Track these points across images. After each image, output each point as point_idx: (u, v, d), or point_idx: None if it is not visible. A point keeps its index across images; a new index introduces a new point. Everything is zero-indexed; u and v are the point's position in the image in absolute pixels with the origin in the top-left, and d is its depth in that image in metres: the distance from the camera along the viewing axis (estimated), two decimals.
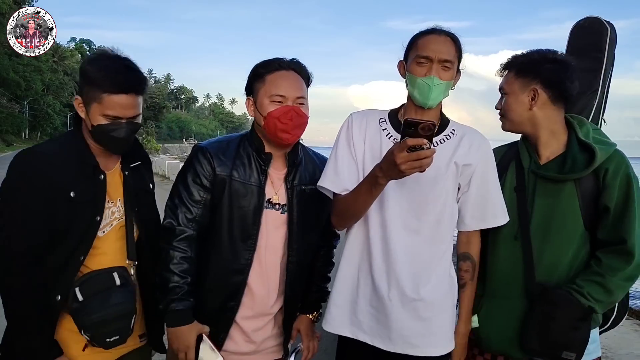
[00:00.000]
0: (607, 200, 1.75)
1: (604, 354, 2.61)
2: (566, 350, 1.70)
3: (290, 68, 1.84)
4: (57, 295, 1.62)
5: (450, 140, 1.81)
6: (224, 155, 1.82)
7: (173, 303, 1.71)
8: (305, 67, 1.88)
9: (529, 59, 1.87)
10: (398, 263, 1.75)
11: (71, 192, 1.60)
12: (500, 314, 1.84)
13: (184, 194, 1.79)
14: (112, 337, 1.65)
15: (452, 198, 1.80)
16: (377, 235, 1.78)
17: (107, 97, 1.61)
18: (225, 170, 1.79)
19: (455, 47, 1.76)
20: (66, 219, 1.60)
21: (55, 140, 1.80)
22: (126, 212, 1.76)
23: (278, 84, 1.79)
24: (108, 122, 1.64)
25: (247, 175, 1.81)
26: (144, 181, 1.89)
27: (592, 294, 1.71)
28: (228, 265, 1.81)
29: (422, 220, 1.76)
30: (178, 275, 1.72)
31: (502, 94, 1.91)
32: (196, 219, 1.78)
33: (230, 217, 1.80)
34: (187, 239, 1.76)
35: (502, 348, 1.84)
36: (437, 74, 1.71)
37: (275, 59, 1.84)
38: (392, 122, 1.84)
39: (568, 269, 1.79)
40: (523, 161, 1.88)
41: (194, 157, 1.83)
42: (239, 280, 1.81)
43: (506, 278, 1.85)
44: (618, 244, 1.74)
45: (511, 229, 1.83)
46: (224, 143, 1.87)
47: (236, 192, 1.79)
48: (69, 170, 1.63)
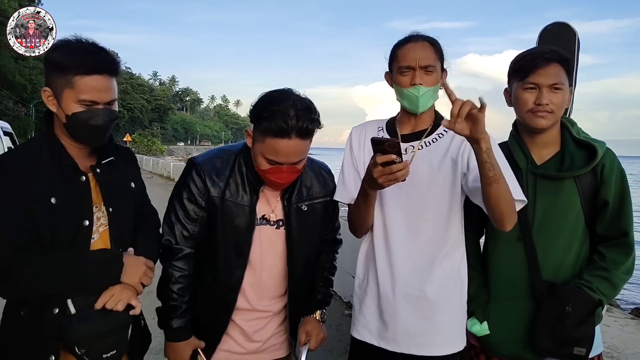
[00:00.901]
0: (606, 195, 1.78)
1: (610, 353, 2.59)
2: (577, 346, 1.70)
3: (297, 136, 1.62)
4: (54, 308, 1.49)
5: (443, 138, 1.83)
6: (217, 175, 1.79)
7: (172, 320, 1.77)
8: (314, 126, 1.66)
9: (566, 55, 1.85)
10: (400, 263, 1.78)
11: (52, 198, 1.48)
12: (509, 317, 1.83)
13: (180, 212, 1.79)
14: (109, 352, 1.51)
15: (454, 194, 1.79)
16: (380, 236, 1.83)
17: (80, 80, 1.49)
18: (217, 191, 1.78)
19: (434, 49, 1.79)
20: (51, 227, 1.48)
21: (23, 146, 1.61)
22: (108, 215, 1.63)
23: (276, 150, 1.64)
24: (84, 108, 1.51)
25: (240, 196, 1.79)
26: (122, 180, 1.73)
27: (600, 289, 1.72)
28: (221, 282, 1.82)
29: (422, 219, 1.78)
30: (176, 294, 1.77)
31: (556, 88, 1.78)
32: (193, 236, 1.80)
33: (224, 235, 1.80)
34: (185, 257, 1.79)
35: (514, 351, 1.82)
36: (421, 81, 1.74)
37: (278, 117, 1.60)
38: (389, 130, 1.91)
39: (573, 266, 1.80)
40: (519, 162, 1.87)
41: (188, 175, 1.81)
42: (230, 298, 1.83)
43: (512, 280, 1.84)
44: (619, 237, 1.77)
45: (513, 230, 1.80)
46: (219, 161, 1.82)
47: (229, 211, 1.78)
48: (45, 176, 1.50)
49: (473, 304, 1.87)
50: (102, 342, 1.49)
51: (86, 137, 1.57)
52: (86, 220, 1.55)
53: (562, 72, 1.79)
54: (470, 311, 1.87)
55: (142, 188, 1.84)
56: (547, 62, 1.78)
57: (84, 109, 1.52)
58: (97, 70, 1.51)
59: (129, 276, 1.56)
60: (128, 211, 1.71)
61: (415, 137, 1.84)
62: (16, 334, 1.51)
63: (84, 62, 1.49)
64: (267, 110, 1.63)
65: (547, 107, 1.77)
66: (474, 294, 1.87)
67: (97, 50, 1.55)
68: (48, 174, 1.51)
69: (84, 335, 1.46)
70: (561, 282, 1.77)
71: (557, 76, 1.78)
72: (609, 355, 2.57)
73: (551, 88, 1.78)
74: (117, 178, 1.70)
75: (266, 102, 1.67)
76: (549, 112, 1.78)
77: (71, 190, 1.54)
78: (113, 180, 1.67)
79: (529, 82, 1.80)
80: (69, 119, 1.53)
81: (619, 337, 2.85)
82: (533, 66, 1.79)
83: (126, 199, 1.71)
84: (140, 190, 1.81)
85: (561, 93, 1.78)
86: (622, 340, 2.81)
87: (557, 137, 1.88)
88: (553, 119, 1.80)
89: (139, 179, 1.83)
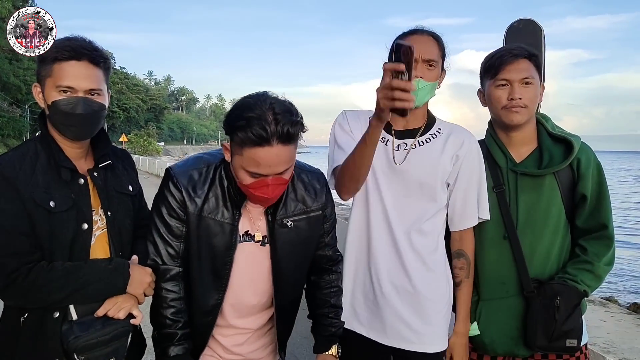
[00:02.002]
0: (584, 189, 1.81)
1: (607, 348, 2.61)
2: (568, 338, 1.74)
3: (279, 142, 1.44)
4: (54, 312, 1.47)
5: (436, 139, 1.83)
6: (194, 189, 1.61)
7: (169, 349, 1.62)
8: (296, 130, 1.47)
9: (533, 51, 1.88)
10: (386, 259, 1.81)
11: (50, 202, 1.45)
12: (501, 316, 1.85)
13: (163, 230, 1.62)
14: None
15: (439, 196, 1.81)
16: (365, 230, 1.84)
17: (58, 66, 1.48)
18: (194, 207, 1.60)
19: (438, 46, 1.79)
20: (50, 232, 1.45)
21: (18, 149, 1.54)
22: (107, 219, 1.60)
23: (257, 162, 1.46)
24: (63, 96, 1.48)
25: (220, 212, 1.62)
26: (120, 183, 1.69)
27: (584, 281, 1.77)
28: (197, 305, 1.68)
29: (407, 217, 1.80)
30: (170, 319, 1.62)
31: (527, 83, 1.81)
32: (180, 254, 1.64)
33: (199, 256, 1.64)
34: (175, 277, 1.64)
35: (507, 349, 1.85)
36: (422, 74, 1.73)
37: (262, 129, 1.42)
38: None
39: (557, 259, 1.84)
40: (499, 161, 1.89)
41: (166, 187, 1.64)
42: (207, 322, 1.70)
43: (500, 278, 1.86)
44: (599, 230, 1.82)
45: (498, 229, 1.85)
46: (196, 173, 1.63)
47: (206, 229, 1.61)
48: (42, 179, 1.46)
49: None
50: (102, 350, 1.47)
51: (68, 128, 1.52)
52: (85, 224, 1.52)
53: (531, 66, 1.83)
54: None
55: (140, 191, 1.81)
56: (516, 58, 1.82)
57: (62, 96, 1.49)
58: (75, 56, 1.49)
59: (135, 287, 1.55)
60: (126, 215, 1.68)
61: (407, 135, 1.84)
62: (19, 339, 1.48)
63: (63, 48, 1.49)
64: (241, 118, 1.44)
65: (520, 101, 1.81)
66: None
67: (78, 39, 1.53)
68: (45, 177, 1.47)
69: (85, 343, 1.44)
70: (548, 276, 1.82)
71: (526, 70, 1.81)
72: (605, 350, 2.59)
73: (522, 83, 1.81)
74: (115, 181, 1.67)
75: (240, 109, 1.48)
76: (522, 107, 1.81)
77: (69, 193, 1.51)
78: (111, 184, 1.65)
79: (499, 78, 1.83)
80: (50, 109, 1.50)
81: (615, 332, 2.86)
82: (502, 63, 1.83)
83: (124, 203, 1.69)
84: (138, 194, 1.78)
85: (532, 87, 1.82)
86: (618, 335, 2.83)
87: (534, 134, 1.90)
88: (527, 114, 1.83)
89: (137, 182, 1.80)
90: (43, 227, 1.44)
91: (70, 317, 1.47)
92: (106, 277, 1.50)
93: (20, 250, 1.40)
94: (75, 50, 1.49)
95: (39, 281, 1.41)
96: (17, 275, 1.38)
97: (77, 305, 1.48)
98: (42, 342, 1.48)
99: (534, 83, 1.82)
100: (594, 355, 2.51)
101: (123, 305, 1.52)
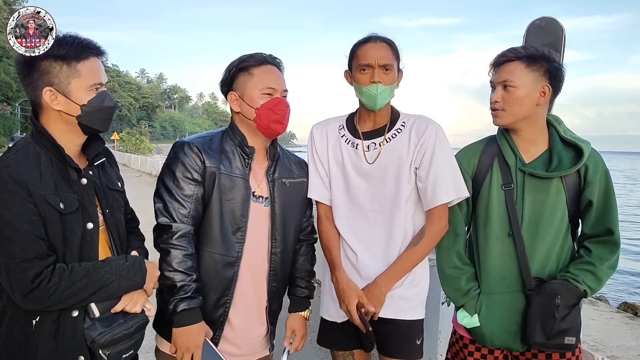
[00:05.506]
0: (590, 195, 1.84)
1: (595, 346, 2.65)
2: (567, 335, 1.78)
3: (273, 63, 1.87)
4: (73, 311, 1.48)
5: (401, 134, 1.94)
6: (210, 149, 1.80)
7: (183, 302, 1.66)
8: (281, 60, 1.90)
9: (539, 52, 1.85)
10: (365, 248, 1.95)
11: (60, 203, 1.45)
12: (500, 310, 1.89)
13: (175, 190, 1.73)
14: (128, 353, 1.55)
15: (409, 186, 1.92)
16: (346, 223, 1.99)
17: (84, 65, 1.49)
18: (214, 162, 1.77)
19: (392, 50, 1.90)
20: (61, 233, 1.45)
21: (20, 151, 1.49)
22: (105, 216, 1.62)
23: (268, 77, 1.82)
24: (96, 93, 1.52)
25: (233, 168, 1.80)
26: (111, 180, 1.71)
27: (585, 282, 1.80)
28: (220, 260, 1.78)
29: (381, 207, 1.93)
30: (184, 274, 1.67)
31: (506, 86, 1.83)
32: (191, 213, 1.73)
33: (221, 212, 1.77)
34: (186, 235, 1.71)
35: (505, 342, 1.89)
36: (379, 79, 1.85)
37: (256, 53, 1.85)
38: (349, 128, 2.02)
39: (557, 261, 1.88)
40: (508, 160, 1.91)
41: (180, 152, 1.77)
42: (231, 274, 1.80)
43: (502, 274, 1.90)
44: (605, 235, 1.85)
45: (503, 226, 1.88)
46: (207, 138, 1.85)
47: (224, 186, 1.77)
48: (49, 181, 1.45)
49: (464, 297, 1.92)
50: (126, 344, 1.52)
51: (104, 122, 1.57)
52: (90, 223, 1.53)
53: (520, 69, 1.81)
54: (461, 304, 1.94)
55: (124, 187, 1.84)
56: (507, 60, 1.84)
57: (96, 93, 1.53)
58: (96, 53, 1.54)
59: (148, 281, 1.59)
60: (119, 211, 1.71)
61: (376, 134, 1.96)
62: (37, 343, 1.46)
63: (85, 46, 1.51)
64: (241, 60, 1.84)
65: (497, 104, 1.84)
66: (465, 287, 1.92)
67: (77, 36, 1.54)
68: (52, 178, 1.46)
69: (111, 338, 1.48)
70: (547, 275, 1.85)
71: (511, 73, 1.82)
72: (594, 348, 2.62)
73: (502, 86, 1.83)
74: (106, 178, 1.69)
75: (235, 60, 1.86)
76: (499, 110, 1.85)
77: (72, 194, 1.51)
78: (104, 181, 1.67)
79: (490, 81, 1.89)
80: (85, 108, 1.50)
81: (604, 330, 2.90)
82: (494, 65, 1.88)
83: (116, 199, 1.71)
84: (124, 190, 1.81)
85: (513, 90, 1.81)
86: (607, 333, 2.86)
87: (541, 135, 1.92)
88: (506, 117, 1.85)
89: (121, 178, 1.82)
90: (56, 230, 1.44)
91: (92, 315, 1.49)
92: (126, 274, 1.53)
93: (40, 254, 1.40)
94: (94, 49, 1.54)
95: (63, 283, 1.41)
96: (42, 280, 1.38)
97: (98, 303, 1.50)
98: (62, 342, 1.48)
99: (516, 86, 1.81)
100: (583, 353, 2.55)
101: (138, 299, 1.58)
